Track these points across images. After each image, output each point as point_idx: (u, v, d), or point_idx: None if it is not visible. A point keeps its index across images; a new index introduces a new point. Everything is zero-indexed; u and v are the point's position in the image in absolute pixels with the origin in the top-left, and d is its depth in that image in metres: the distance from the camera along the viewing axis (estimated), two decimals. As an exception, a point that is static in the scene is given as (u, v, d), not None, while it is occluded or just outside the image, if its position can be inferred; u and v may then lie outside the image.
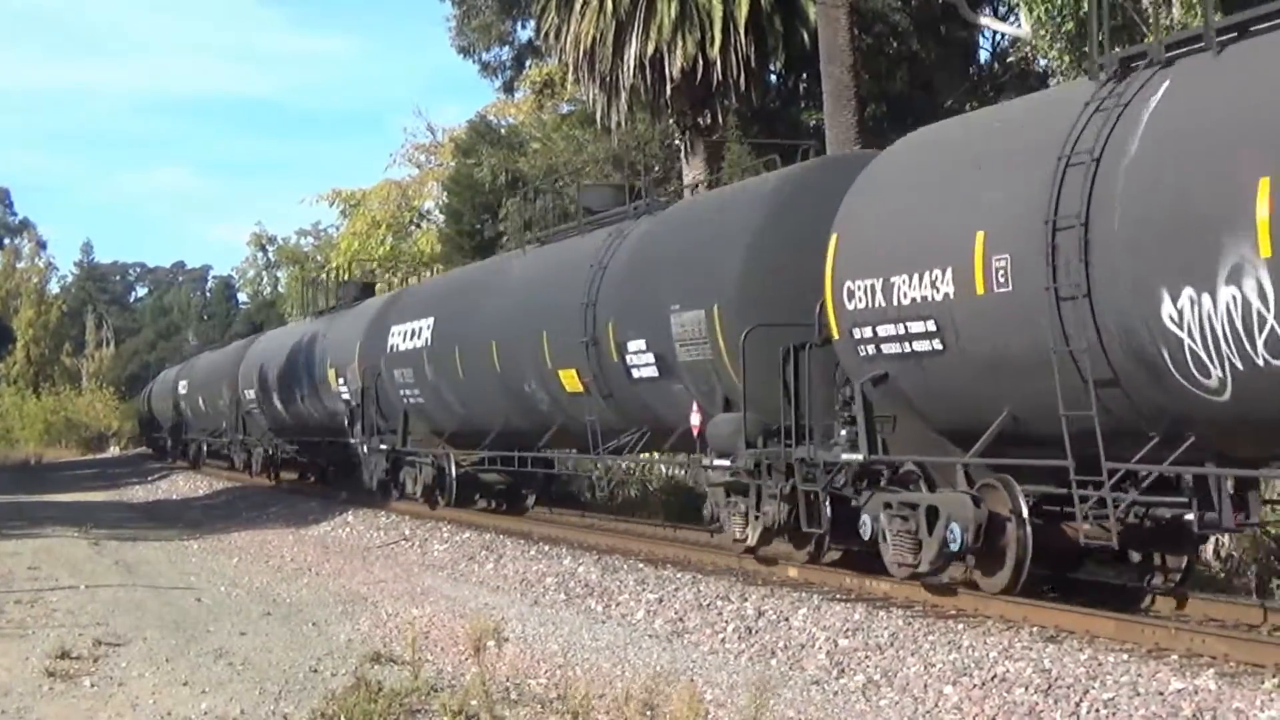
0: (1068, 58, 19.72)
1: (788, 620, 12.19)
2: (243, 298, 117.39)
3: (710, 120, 29.31)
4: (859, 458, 13.02)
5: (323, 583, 17.33)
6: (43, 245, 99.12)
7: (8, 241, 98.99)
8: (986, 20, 29.55)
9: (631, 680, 10.01)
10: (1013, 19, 28.65)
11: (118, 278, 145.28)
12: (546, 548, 18.51)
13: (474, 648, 9.47)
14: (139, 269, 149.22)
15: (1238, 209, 9.04)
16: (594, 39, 29.02)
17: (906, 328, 12.07)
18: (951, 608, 12.22)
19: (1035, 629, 11.06)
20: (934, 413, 12.47)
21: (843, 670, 10.57)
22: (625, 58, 28.64)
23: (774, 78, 31.59)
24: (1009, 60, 29.75)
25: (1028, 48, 24.62)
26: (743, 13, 27.89)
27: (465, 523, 22.49)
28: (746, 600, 13.15)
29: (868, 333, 12.63)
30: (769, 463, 14.41)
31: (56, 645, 11.97)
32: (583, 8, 29.12)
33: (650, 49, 28.24)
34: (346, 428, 28.30)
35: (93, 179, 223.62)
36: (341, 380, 28.80)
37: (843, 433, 13.29)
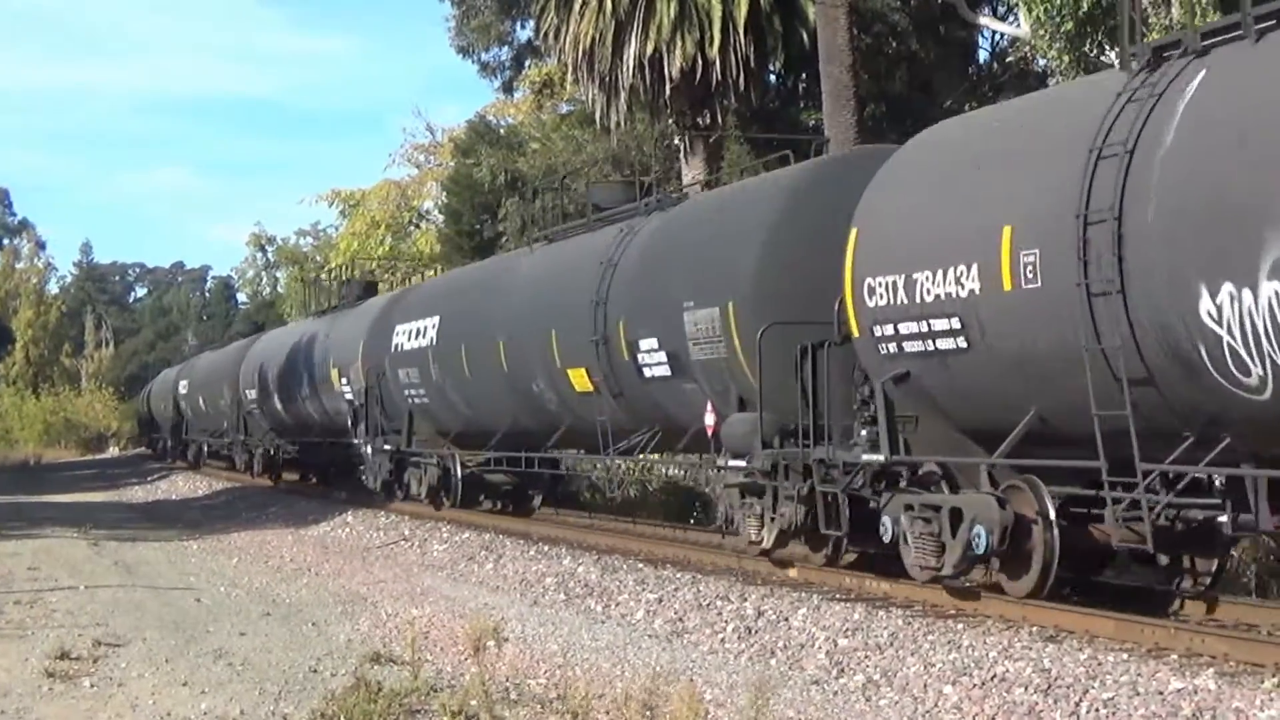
0: (1067, 57, 19.72)
1: (787, 620, 12.18)
2: (242, 298, 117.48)
3: (710, 120, 29.31)
4: (880, 458, 12.70)
5: (322, 583, 17.32)
6: (42, 245, 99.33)
7: (7, 242, 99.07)
8: (986, 20, 29.55)
9: (631, 680, 10.01)
10: (1012, 19, 28.65)
11: (117, 278, 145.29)
12: (546, 548, 18.49)
13: (474, 648, 9.46)
14: (138, 269, 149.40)
15: (1280, 201, 8.77)
16: (593, 39, 29.01)
17: (930, 325, 11.80)
18: (951, 608, 12.21)
19: (1035, 629, 11.05)
20: (958, 412, 12.20)
21: (842, 670, 10.56)
22: (624, 58, 28.63)
23: (773, 78, 31.57)
24: (1008, 60, 29.76)
25: (1027, 48, 24.63)
26: (742, 13, 27.88)
27: (465, 523, 22.46)
28: (746, 600, 13.14)
29: (889, 330, 12.35)
30: (786, 463, 14.12)
31: (56, 646, 11.97)
32: (582, 8, 29.10)
33: (649, 49, 28.23)
34: (350, 428, 28.10)
35: (92, 179, 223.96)
36: (345, 380, 28.59)
37: (863, 433, 12.99)
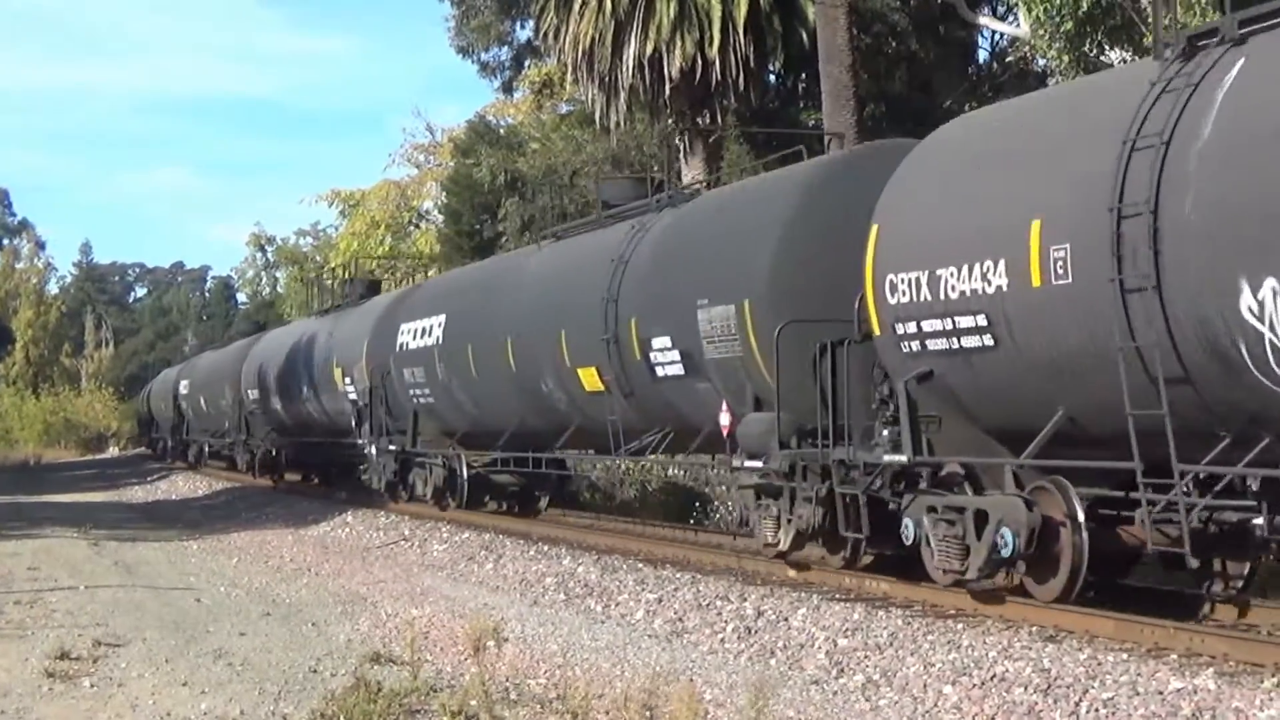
0: (1067, 57, 19.74)
1: (787, 620, 12.18)
2: (242, 298, 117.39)
3: (709, 120, 29.31)
4: (903, 459, 12.37)
5: (322, 583, 17.32)
6: (42, 246, 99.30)
7: (7, 242, 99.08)
8: (985, 20, 29.59)
9: (631, 680, 10.01)
10: (1011, 19, 28.67)
11: (117, 278, 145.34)
12: (546, 548, 18.48)
13: (473, 648, 9.45)
14: (138, 269, 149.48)
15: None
16: (593, 39, 29.05)
17: (955, 323, 11.50)
18: (951, 607, 12.20)
19: (1034, 629, 11.05)
20: (983, 412, 11.88)
21: (842, 670, 10.56)
22: (624, 58, 28.67)
23: (773, 78, 31.61)
24: (1008, 60, 29.81)
25: (1026, 47, 24.67)
26: (741, 13, 27.91)
27: (464, 523, 22.43)
28: (746, 600, 13.14)
29: (912, 328, 12.03)
30: (804, 464, 13.82)
31: (56, 646, 11.96)
32: (581, 8, 29.13)
33: (649, 49, 28.26)
34: (354, 428, 27.85)
35: (92, 179, 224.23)
36: (348, 380, 28.36)
37: (884, 433, 12.68)
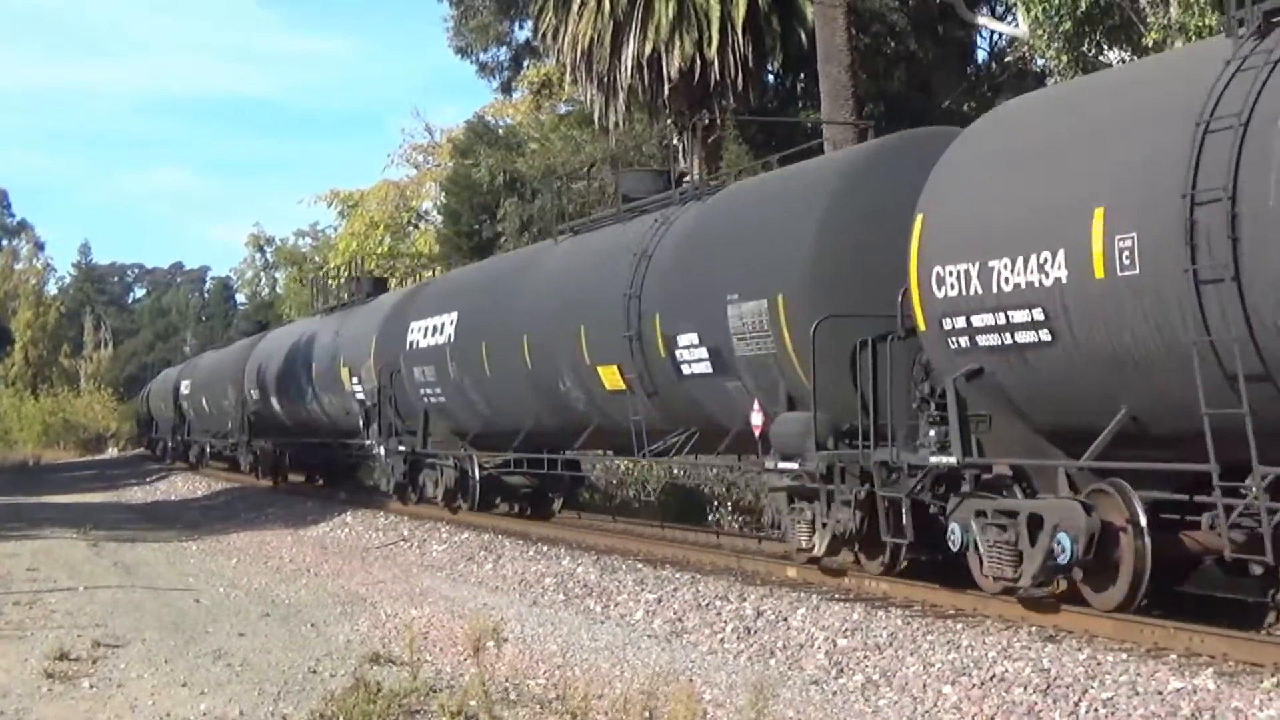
0: (1065, 57, 19.75)
1: (786, 620, 12.18)
2: (241, 299, 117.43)
3: (708, 120, 29.31)
4: (952, 461, 11.75)
5: (321, 583, 17.32)
6: (41, 246, 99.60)
7: (6, 243, 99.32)
8: (984, 20, 29.59)
9: (630, 681, 10.01)
10: (1010, 19, 28.66)
11: (116, 279, 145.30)
12: (545, 548, 18.48)
13: (473, 648, 9.45)
14: (137, 270, 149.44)
15: None
16: (591, 39, 29.05)
17: (1008, 317, 10.96)
18: (950, 607, 12.19)
19: (1034, 629, 11.06)
20: (1036, 411, 11.37)
21: (842, 670, 10.56)
22: (623, 58, 28.68)
23: (772, 78, 31.63)
24: (1006, 60, 29.79)
25: (1025, 47, 24.65)
26: (740, 13, 27.92)
27: (464, 523, 22.41)
28: (745, 600, 13.14)
29: (960, 323, 11.50)
30: (843, 466, 13.32)
31: (55, 646, 11.96)
32: (580, 8, 29.14)
33: (648, 49, 28.27)
34: (361, 428, 27.41)
35: (92, 179, 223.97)
36: (355, 379, 28.02)
37: (931, 433, 12.08)
